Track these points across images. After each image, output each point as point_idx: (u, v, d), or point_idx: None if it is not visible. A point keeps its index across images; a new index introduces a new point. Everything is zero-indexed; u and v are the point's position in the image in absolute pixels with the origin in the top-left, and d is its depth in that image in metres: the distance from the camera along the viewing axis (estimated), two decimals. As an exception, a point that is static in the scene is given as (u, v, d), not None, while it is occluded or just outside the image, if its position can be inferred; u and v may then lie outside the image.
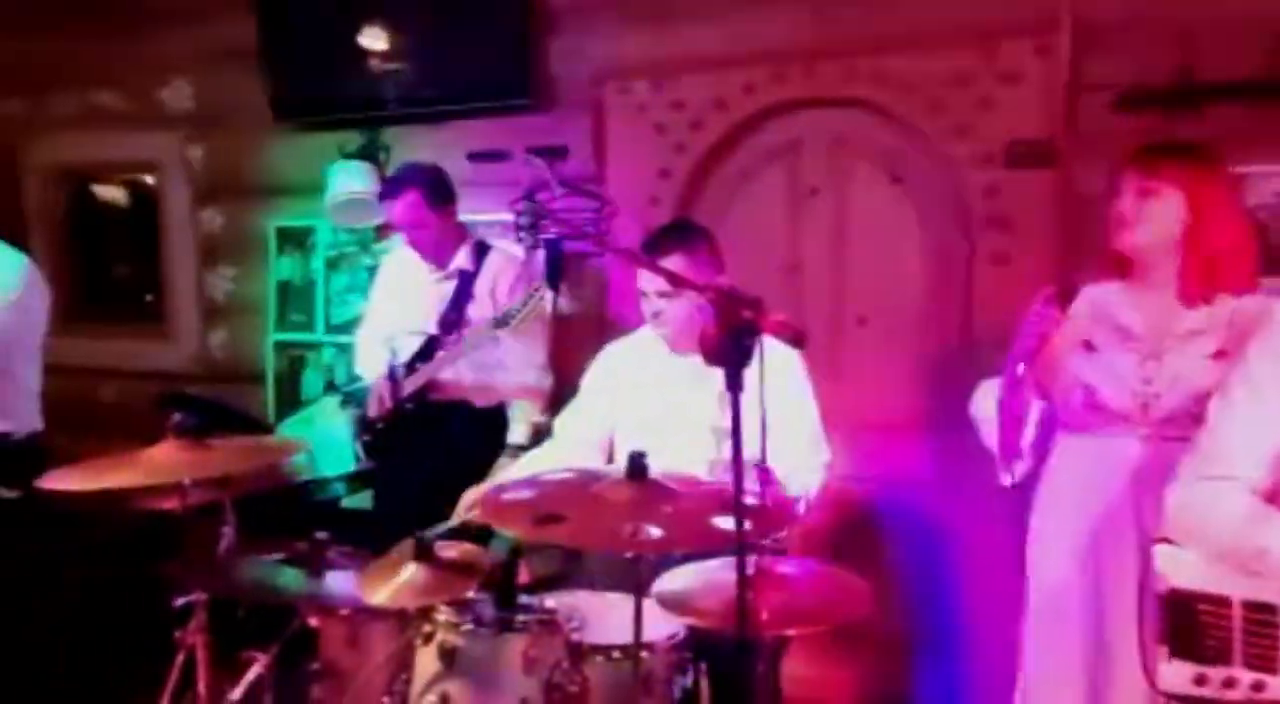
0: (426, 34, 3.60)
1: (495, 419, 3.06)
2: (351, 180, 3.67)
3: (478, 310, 3.01)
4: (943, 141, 2.98)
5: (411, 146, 3.72)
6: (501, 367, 2.98)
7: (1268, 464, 1.54)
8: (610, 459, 2.41)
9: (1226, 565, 1.51)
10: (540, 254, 3.35)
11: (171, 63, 4.21)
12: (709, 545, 1.47)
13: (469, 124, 3.66)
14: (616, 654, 1.75)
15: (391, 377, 2.99)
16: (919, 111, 3.01)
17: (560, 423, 2.48)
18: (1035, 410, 1.96)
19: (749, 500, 1.48)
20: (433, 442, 2.96)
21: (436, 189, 3.02)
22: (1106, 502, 1.89)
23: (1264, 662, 1.49)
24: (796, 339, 1.27)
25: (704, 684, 1.84)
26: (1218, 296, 1.86)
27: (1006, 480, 1.98)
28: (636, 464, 1.50)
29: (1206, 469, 1.57)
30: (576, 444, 2.38)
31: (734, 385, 1.24)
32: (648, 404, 2.29)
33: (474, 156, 3.65)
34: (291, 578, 2.00)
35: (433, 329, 3.02)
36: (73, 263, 4.61)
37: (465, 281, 3.04)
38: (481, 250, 3.10)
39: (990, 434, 2.00)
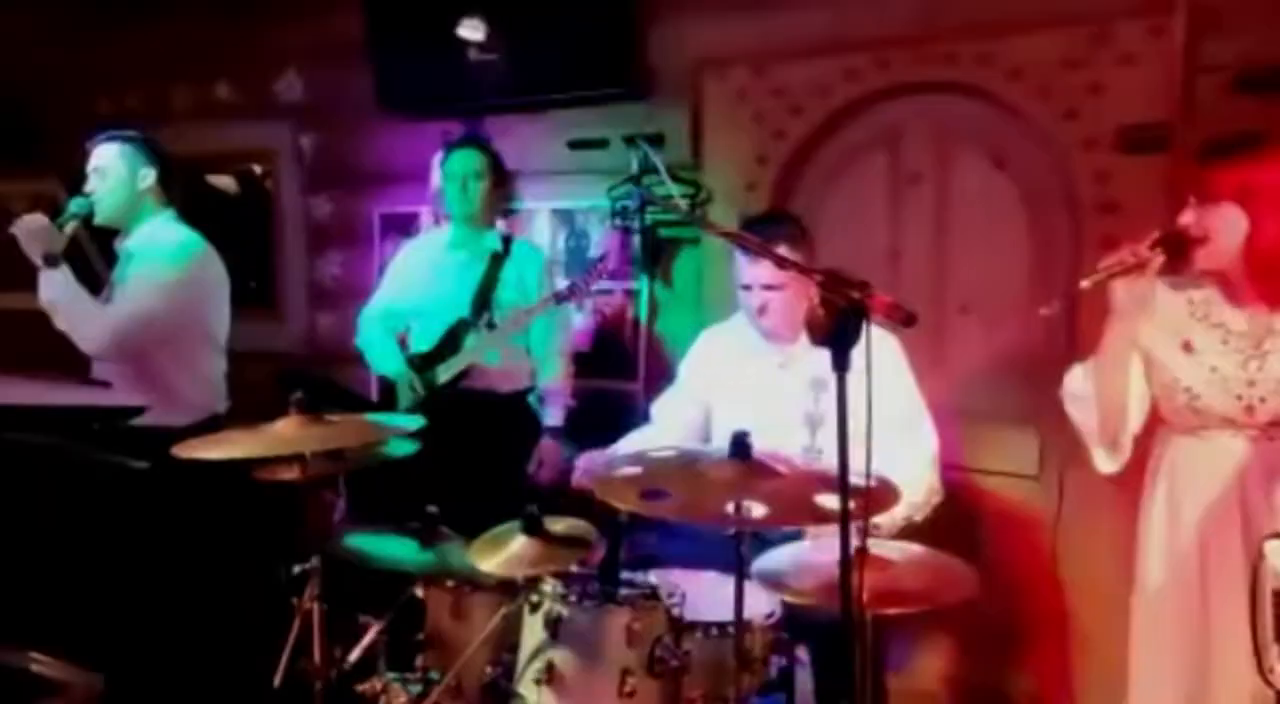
0: (526, 24, 3.68)
1: (523, 405, 3.19)
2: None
3: (505, 295, 3.10)
4: (1051, 126, 2.93)
5: (512, 135, 3.81)
6: (526, 359, 3.12)
7: None
8: (707, 443, 2.44)
9: None
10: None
11: (283, 56, 4.39)
12: (812, 522, 1.49)
13: (567, 113, 3.73)
14: (715, 631, 1.80)
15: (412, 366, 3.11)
16: (1027, 95, 2.96)
17: (659, 406, 2.53)
18: (1138, 400, 1.93)
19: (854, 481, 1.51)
20: (469, 430, 3.02)
21: (497, 161, 3.22)
22: (1211, 503, 1.86)
23: None
24: (907, 320, 1.29)
25: (802, 664, 1.88)
26: None
27: (1105, 468, 1.96)
28: (740, 443, 1.54)
29: None
30: (674, 427, 2.43)
31: (840, 365, 1.26)
32: (742, 390, 2.32)
33: (574, 145, 3.74)
34: (402, 548, 2.09)
35: (462, 311, 3.09)
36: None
37: (494, 265, 3.12)
38: (509, 239, 3.20)
39: (1082, 413, 1.97)
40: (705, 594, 1.87)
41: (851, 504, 1.32)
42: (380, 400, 3.39)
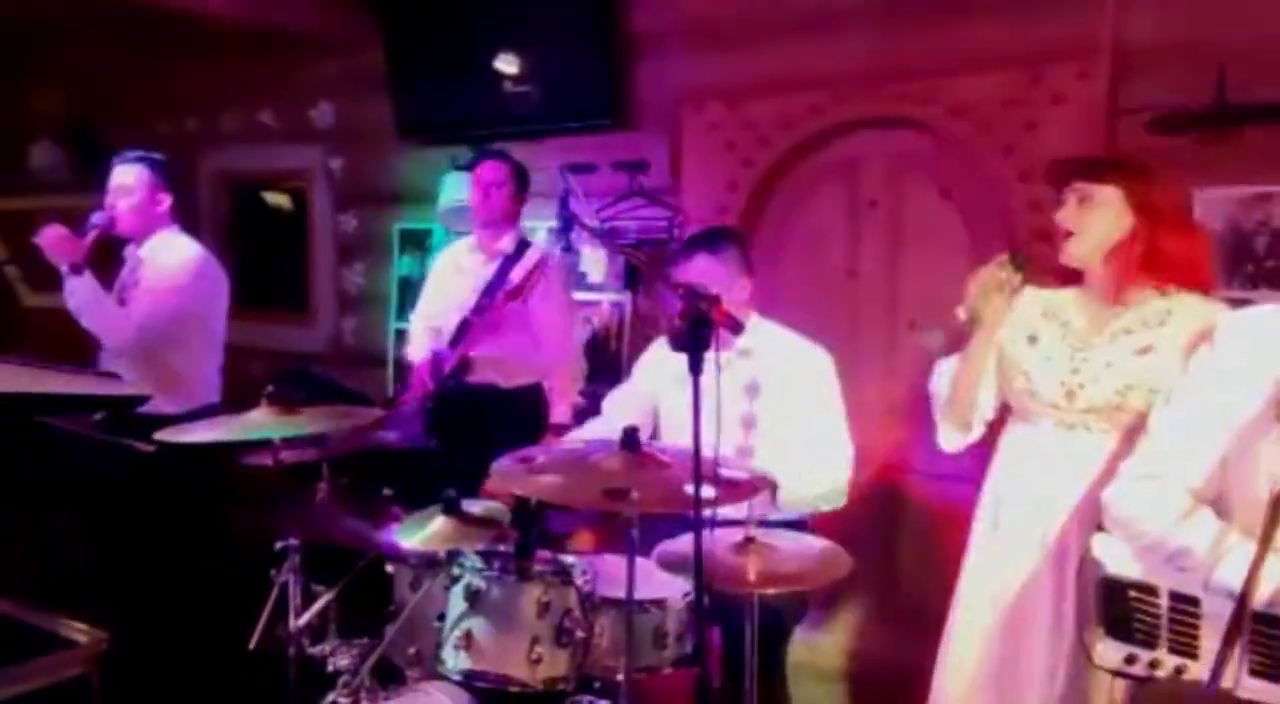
0: (531, 60, 3.80)
1: (530, 400, 3.22)
2: (460, 189, 3.88)
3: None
4: (991, 159, 2.97)
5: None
6: (534, 349, 3.13)
7: (1205, 470, 1.53)
8: (654, 436, 2.51)
9: (1153, 559, 1.52)
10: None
11: (318, 86, 4.58)
12: (680, 508, 1.56)
13: (564, 140, 3.84)
14: (634, 608, 1.86)
15: (435, 359, 3.16)
16: (969, 131, 3.00)
17: (609, 400, 2.61)
18: (989, 389, 1.99)
19: (733, 474, 1.58)
20: (473, 424, 3.10)
21: (522, 173, 3.30)
22: (1032, 491, 1.91)
23: (1187, 648, 1.49)
24: (736, 329, 1.36)
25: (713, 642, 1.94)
26: (1149, 297, 1.84)
27: (950, 446, 2.03)
28: (630, 437, 1.61)
29: (1143, 469, 1.58)
30: (621, 419, 2.49)
31: (695, 369, 1.34)
32: (685, 392, 2.39)
33: (568, 168, 3.84)
34: (364, 528, 2.17)
35: (468, 311, 3.16)
36: (234, 258, 5.03)
37: (504, 266, 3.18)
38: (523, 244, 3.24)
39: (943, 401, 2.04)
40: (646, 577, 1.93)
41: (714, 492, 1.38)
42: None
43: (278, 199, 5.02)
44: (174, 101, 5.04)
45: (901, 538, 3.26)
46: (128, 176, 3.03)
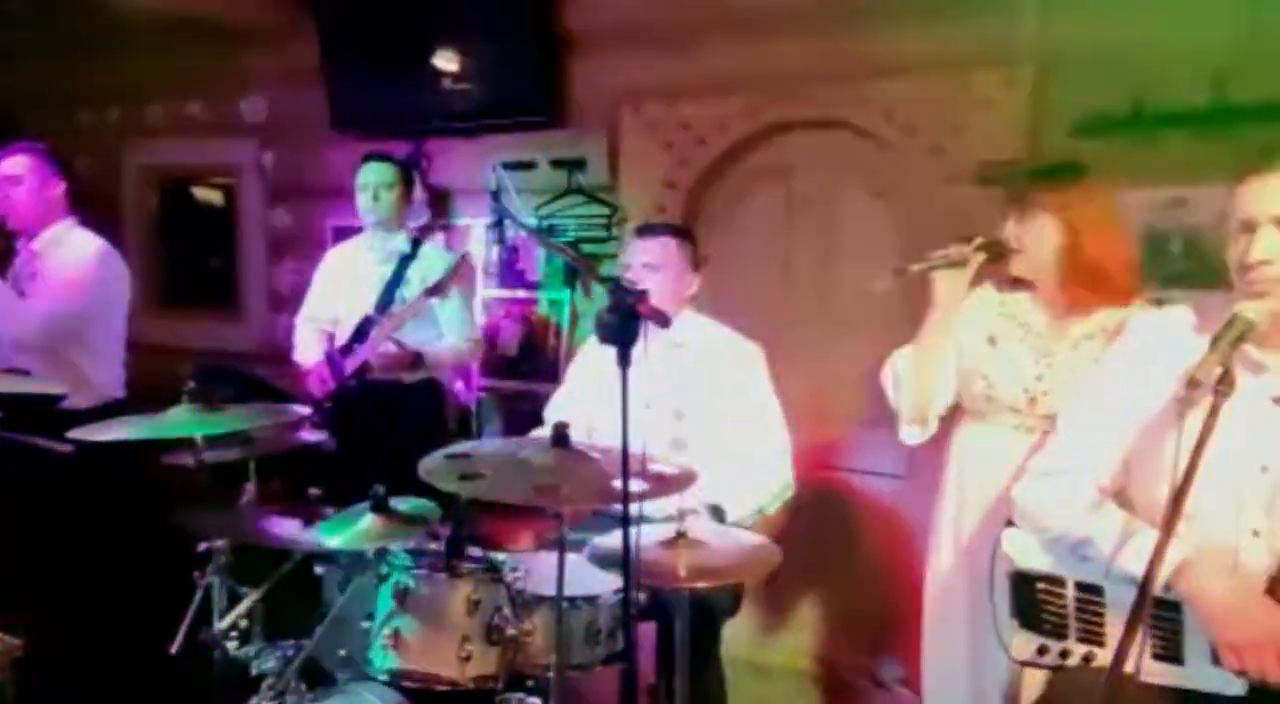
0: (467, 55, 3.76)
1: (429, 395, 3.24)
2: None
3: (409, 292, 3.16)
4: (920, 161, 3.02)
5: (451, 155, 3.88)
6: (436, 340, 3.15)
7: (1111, 467, 1.58)
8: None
9: (1059, 551, 1.56)
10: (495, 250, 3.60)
11: (250, 78, 4.46)
12: (608, 503, 1.56)
13: (501, 137, 3.81)
14: (566, 605, 1.85)
15: (330, 358, 3.16)
16: (899, 133, 3.05)
17: (549, 409, 2.59)
18: (946, 382, 2.01)
19: (662, 469, 1.58)
20: (375, 418, 3.09)
21: (407, 174, 3.33)
22: (994, 491, 1.93)
23: (1093, 636, 1.54)
24: (664, 322, 1.36)
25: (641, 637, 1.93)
26: (1102, 306, 1.89)
27: (912, 440, 2.04)
28: (560, 434, 1.60)
29: (1049, 464, 1.63)
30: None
31: (624, 361, 1.33)
32: (614, 388, 2.38)
33: (506, 166, 3.81)
34: (291, 528, 2.12)
35: (369, 310, 3.15)
36: (161, 254, 4.89)
37: (402, 265, 3.19)
38: (417, 242, 3.26)
39: (900, 393, 2.04)
40: (585, 573, 1.92)
41: (643, 486, 1.38)
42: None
43: (207, 194, 4.88)
44: (97, 92, 4.87)
45: (833, 535, 3.30)
46: (15, 167, 2.93)
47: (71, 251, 2.92)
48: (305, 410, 2.13)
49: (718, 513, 2.19)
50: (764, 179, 3.42)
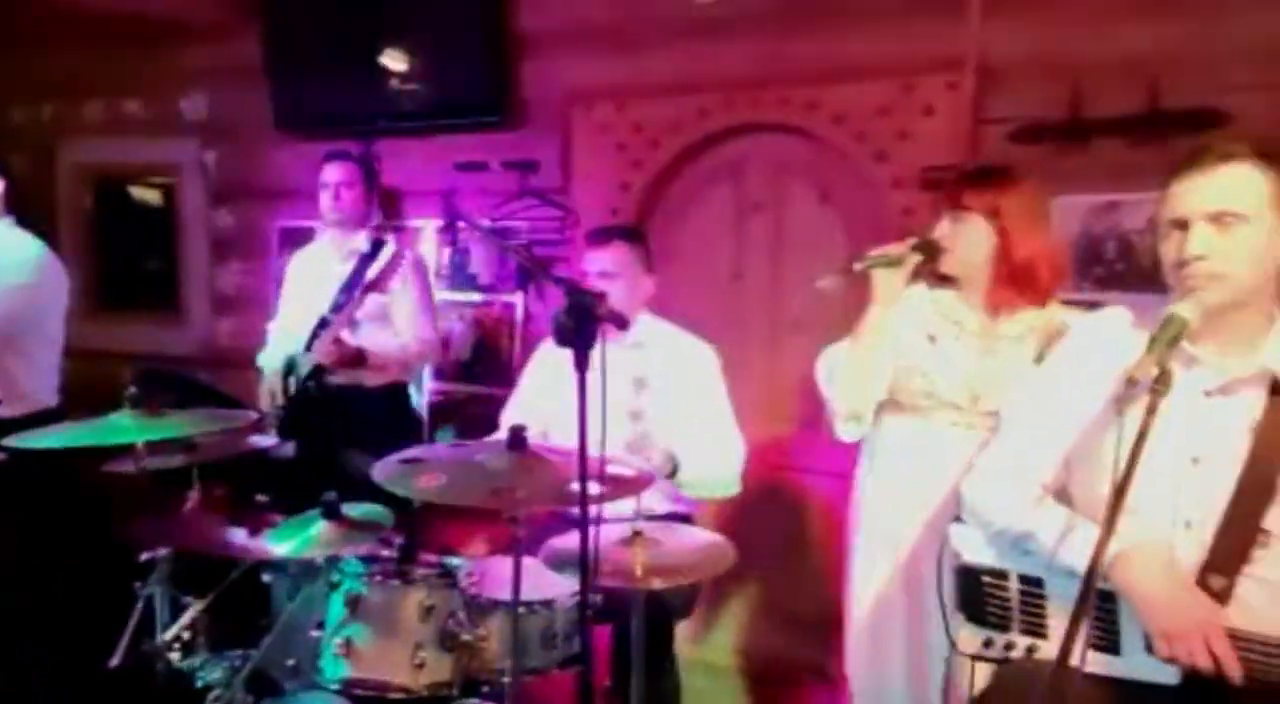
0: (417, 55, 3.72)
1: (394, 399, 3.20)
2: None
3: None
4: (866, 166, 3.07)
5: (401, 156, 3.83)
6: (389, 344, 3.11)
7: (1053, 465, 1.63)
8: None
9: (1003, 544, 1.60)
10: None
11: (190, 76, 4.35)
12: (566, 504, 1.55)
13: (453, 138, 3.77)
14: (520, 609, 1.84)
15: (287, 370, 3.09)
16: (846, 138, 3.10)
17: (505, 415, 2.57)
18: (882, 378, 2.03)
19: (619, 470, 1.58)
20: (336, 423, 3.03)
21: (370, 171, 3.27)
22: (925, 485, 1.97)
23: (1036, 628, 1.58)
24: (622, 324, 1.36)
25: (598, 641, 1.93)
26: (1031, 306, 1.94)
27: (849, 437, 2.06)
28: (516, 436, 1.59)
29: (995, 463, 1.67)
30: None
31: (581, 364, 1.33)
32: (568, 391, 2.38)
33: (459, 166, 3.78)
34: (239, 535, 2.08)
35: (325, 311, 3.09)
36: (98, 255, 4.74)
37: (361, 264, 3.13)
38: (378, 242, 3.20)
39: (835, 389, 2.05)
40: (539, 577, 1.91)
41: (600, 488, 1.38)
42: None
43: (144, 193, 4.75)
44: (31, 88, 4.70)
45: (786, 533, 3.33)
46: None
47: (8, 254, 2.80)
48: (252, 415, 2.08)
49: (673, 463, 2.20)
50: (715, 181, 3.44)
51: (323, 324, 3.05)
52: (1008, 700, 1.53)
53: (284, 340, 3.24)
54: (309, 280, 3.27)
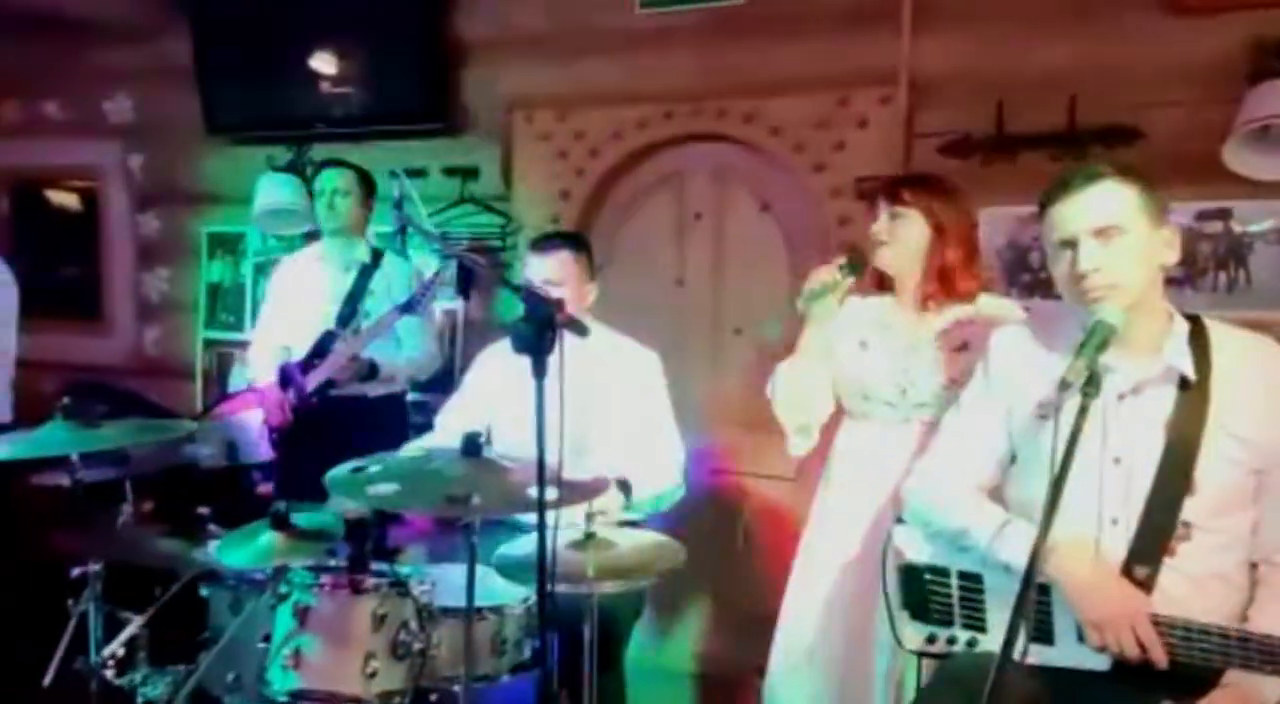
0: (352, 59, 3.68)
1: (394, 410, 3.13)
2: (278, 192, 3.70)
3: (373, 304, 3.09)
4: (804, 176, 3.14)
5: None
6: (397, 357, 3.07)
7: (987, 466, 1.71)
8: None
9: (942, 542, 1.67)
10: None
11: (114, 77, 4.22)
12: (523, 511, 1.56)
13: (391, 144, 3.73)
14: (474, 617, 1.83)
15: (284, 380, 3.01)
16: (785, 149, 3.17)
17: (441, 415, 2.56)
18: (826, 393, 2.10)
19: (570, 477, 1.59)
20: (334, 434, 2.98)
21: (366, 179, 3.20)
22: (874, 483, 2.04)
23: (976, 622, 1.65)
24: (581, 332, 1.38)
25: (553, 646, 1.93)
26: (954, 302, 2.04)
27: (799, 451, 2.12)
28: (471, 443, 1.59)
29: (932, 465, 1.74)
30: (454, 436, 2.45)
31: (539, 371, 1.34)
32: (517, 398, 2.38)
33: (393, 174, 3.73)
34: (177, 548, 2.03)
35: (330, 324, 3.05)
36: (15, 262, 4.54)
37: (363, 275, 3.11)
38: (379, 252, 3.19)
39: (783, 407, 2.12)
40: (482, 584, 1.90)
41: (556, 493, 1.39)
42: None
43: (62, 197, 4.57)
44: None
45: (730, 537, 3.37)
46: None
47: None
48: (188, 425, 2.03)
49: (625, 488, 2.22)
50: (657, 190, 3.48)
51: (329, 337, 2.99)
52: (951, 691, 1.58)
53: (275, 352, 3.14)
54: (304, 290, 3.18)
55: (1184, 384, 1.56)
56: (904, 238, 2.03)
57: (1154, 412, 1.57)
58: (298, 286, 3.22)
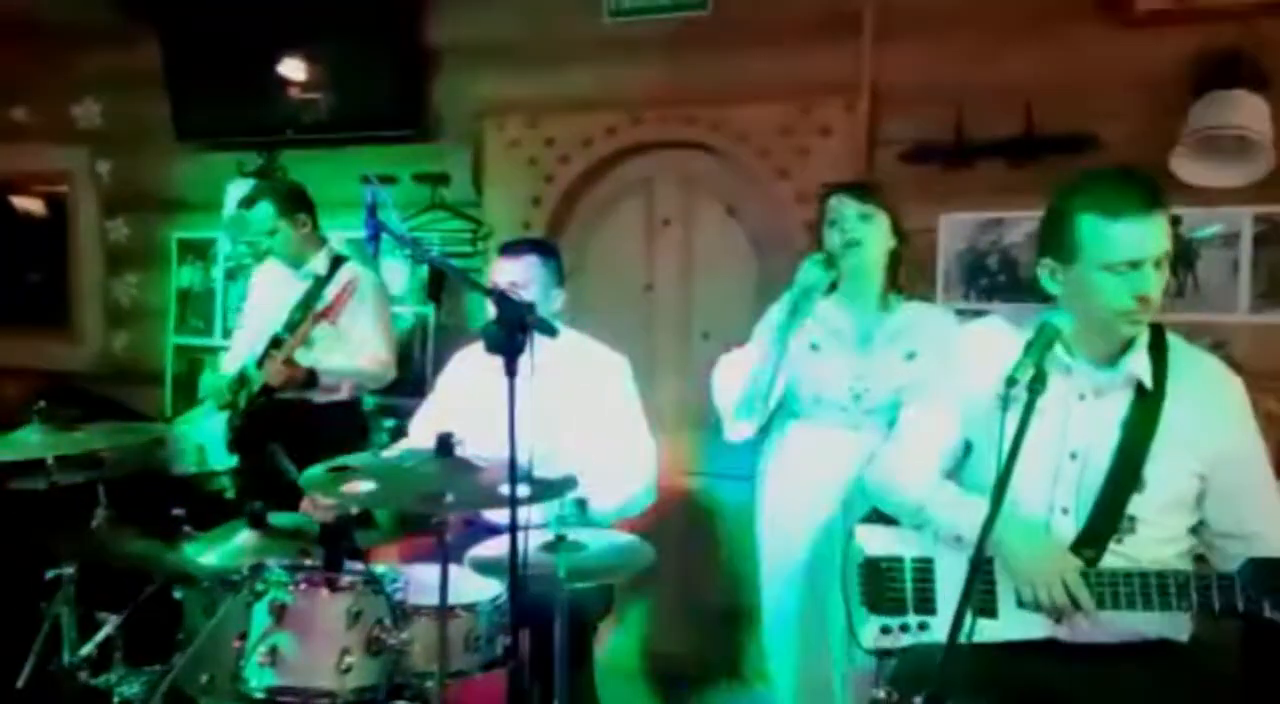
0: (323, 65, 3.71)
1: (346, 416, 3.17)
2: (249, 198, 3.70)
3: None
4: (770, 182, 3.21)
5: (307, 168, 3.79)
6: (345, 363, 3.09)
7: (943, 451, 1.80)
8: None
9: (903, 516, 1.75)
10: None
11: (82, 82, 4.21)
12: (496, 507, 1.60)
13: (362, 150, 3.76)
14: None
15: (239, 383, 3.08)
16: (751, 156, 3.24)
17: (415, 421, 2.59)
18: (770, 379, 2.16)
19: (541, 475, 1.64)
20: (284, 438, 3.00)
21: (287, 200, 3.16)
22: (824, 481, 2.11)
23: (926, 605, 1.72)
24: (552, 333, 1.43)
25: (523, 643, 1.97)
26: (896, 303, 2.12)
27: (738, 436, 2.18)
28: (444, 443, 1.64)
29: (896, 447, 1.83)
30: (428, 439, 2.48)
31: (511, 371, 1.39)
32: (488, 399, 2.42)
33: (366, 179, 3.75)
34: (151, 550, 2.05)
35: (278, 329, 3.07)
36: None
37: (316, 285, 3.13)
38: (337, 261, 3.19)
39: (727, 393, 2.17)
40: (455, 582, 1.93)
41: (528, 492, 1.44)
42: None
43: (28, 203, 4.54)
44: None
45: (696, 537, 3.43)
46: None
47: None
48: (162, 429, 2.05)
49: (581, 507, 2.26)
50: (626, 195, 3.53)
51: (275, 343, 3.02)
52: (911, 678, 1.65)
53: (243, 352, 3.20)
54: (268, 295, 3.24)
55: (1140, 390, 1.65)
56: (878, 239, 2.11)
57: (1112, 413, 1.66)
58: (265, 291, 3.27)
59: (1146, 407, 1.63)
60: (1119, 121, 2.76)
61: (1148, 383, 1.64)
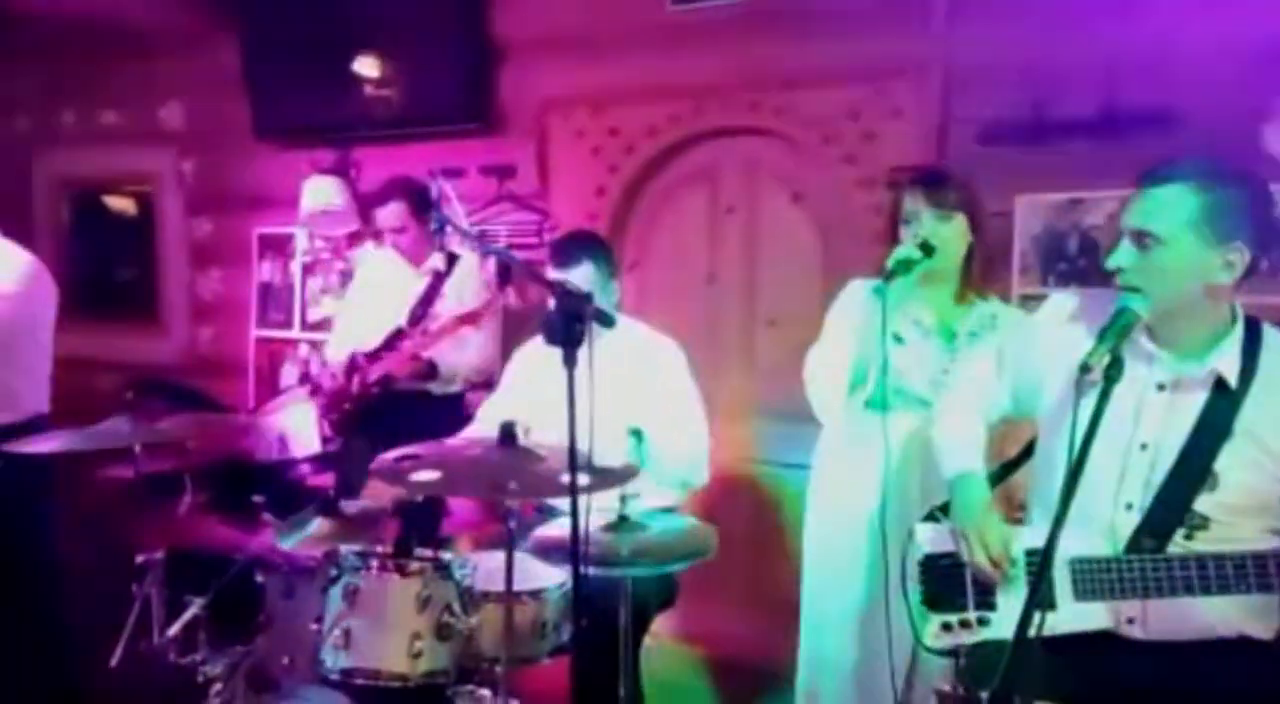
0: (394, 62, 3.77)
1: (450, 408, 3.20)
2: (323, 193, 3.82)
3: (444, 307, 3.17)
4: (835, 167, 3.16)
5: (379, 163, 3.88)
6: (459, 360, 3.16)
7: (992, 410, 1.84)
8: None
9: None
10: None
11: (167, 85, 4.38)
12: (558, 495, 1.62)
13: (430, 144, 3.82)
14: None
15: (351, 368, 3.14)
16: (816, 141, 3.19)
17: (482, 409, 2.64)
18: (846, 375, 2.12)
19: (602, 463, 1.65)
20: (393, 426, 3.07)
21: (418, 200, 3.25)
22: (902, 475, 2.07)
23: (986, 602, 1.68)
24: (610, 323, 1.44)
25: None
26: (976, 299, 2.06)
27: (829, 422, 2.16)
28: (507, 432, 1.66)
29: (953, 398, 1.88)
30: (494, 428, 2.52)
31: (569, 361, 1.40)
32: (548, 390, 2.44)
33: (434, 173, 3.82)
34: (234, 536, 2.13)
35: (401, 321, 3.15)
36: (73, 265, 4.74)
37: (437, 281, 3.20)
38: (452, 257, 3.27)
39: (815, 386, 2.15)
40: (523, 569, 1.96)
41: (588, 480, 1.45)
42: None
43: (120, 203, 4.76)
44: (6, 99, 4.71)
45: (761, 526, 3.41)
46: None
47: None
48: (244, 419, 2.13)
49: (638, 436, 2.28)
50: (689, 184, 3.52)
51: (398, 334, 3.11)
52: (980, 672, 1.61)
53: (348, 338, 3.30)
54: (380, 286, 3.33)
55: (1221, 385, 1.57)
56: (955, 240, 2.07)
57: (1188, 406, 1.58)
58: (375, 282, 3.37)
59: (1225, 401, 1.56)
60: (1207, 95, 2.62)
61: (1233, 383, 1.56)
